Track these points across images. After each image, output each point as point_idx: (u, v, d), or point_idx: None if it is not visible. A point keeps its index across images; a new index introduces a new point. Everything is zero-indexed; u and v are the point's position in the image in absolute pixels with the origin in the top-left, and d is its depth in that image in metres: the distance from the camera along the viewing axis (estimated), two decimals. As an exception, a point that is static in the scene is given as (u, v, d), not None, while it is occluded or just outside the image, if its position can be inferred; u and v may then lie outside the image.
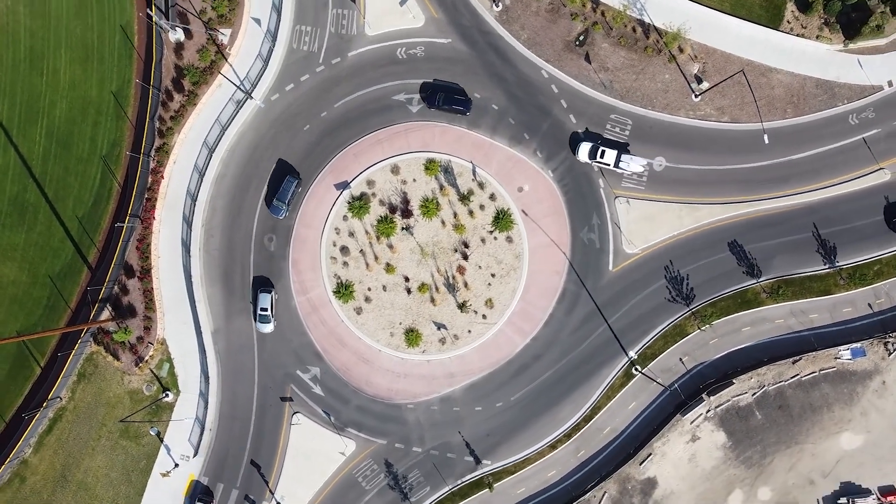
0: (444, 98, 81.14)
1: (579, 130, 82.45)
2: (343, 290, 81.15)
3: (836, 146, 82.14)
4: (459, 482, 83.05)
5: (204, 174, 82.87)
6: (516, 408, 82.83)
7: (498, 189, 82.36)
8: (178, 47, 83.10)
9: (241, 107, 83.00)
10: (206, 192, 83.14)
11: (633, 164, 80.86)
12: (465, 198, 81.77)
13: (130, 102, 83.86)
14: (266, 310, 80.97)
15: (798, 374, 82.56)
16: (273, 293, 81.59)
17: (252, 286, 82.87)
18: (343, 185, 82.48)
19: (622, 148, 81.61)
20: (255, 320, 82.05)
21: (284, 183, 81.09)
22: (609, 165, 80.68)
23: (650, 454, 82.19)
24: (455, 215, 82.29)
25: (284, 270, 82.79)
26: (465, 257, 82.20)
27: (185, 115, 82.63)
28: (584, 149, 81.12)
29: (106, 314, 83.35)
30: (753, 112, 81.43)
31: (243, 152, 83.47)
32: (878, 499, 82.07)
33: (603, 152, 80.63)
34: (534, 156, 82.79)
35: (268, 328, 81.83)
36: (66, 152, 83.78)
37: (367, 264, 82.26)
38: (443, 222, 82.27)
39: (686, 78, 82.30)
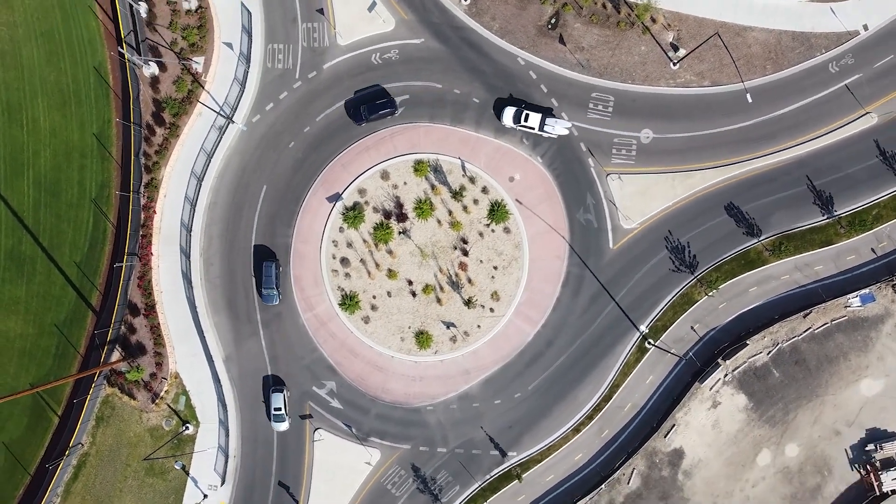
0: (368, 108, 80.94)
1: (565, 114, 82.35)
2: (348, 302, 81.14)
3: (819, 96, 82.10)
4: (488, 477, 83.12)
5: (195, 204, 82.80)
6: (535, 396, 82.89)
7: (489, 182, 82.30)
8: (154, 81, 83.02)
9: (224, 132, 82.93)
10: (200, 222, 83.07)
11: (559, 126, 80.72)
12: (457, 194, 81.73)
13: (113, 142, 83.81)
14: (280, 409, 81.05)
15: (810, 328, 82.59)
16: (285, 392, 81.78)
17: (266, 385, 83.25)
18: (335, 197, 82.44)
19: (546, 111, 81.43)
20: (270, 420, 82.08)
21: (264, 270, 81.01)
22: (534, 129, 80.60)
23: (673, 425, 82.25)
24: (450, 213, 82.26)
25: (287, 289, 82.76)
26: (466, 253, 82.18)
27: (169, 148, 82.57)
28: (508, 114, 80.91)
29: (116, 355, 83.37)
30: (733, 73, 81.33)
31: (232, 177, 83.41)
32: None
33: (527, 116, 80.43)
34: (521, 144, 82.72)
35: (283, 427, 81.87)
36: (56, 200, 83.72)
37: (369, 273, 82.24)
38: (439, 221, 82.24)
39: (662, 48, 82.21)
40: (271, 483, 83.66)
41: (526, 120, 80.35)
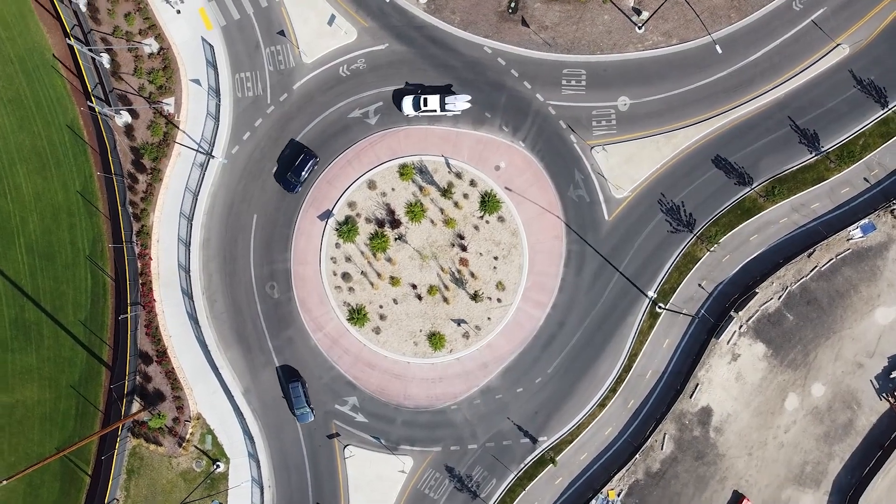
0: (293, 172, 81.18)
1: (539, 95, 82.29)
2: (356, 316, 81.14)
3: (788, 36, 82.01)
4: (523, 466, 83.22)
5: (189, 244, 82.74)
6: (555, 379, 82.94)
7: (476, 174, 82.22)
8: (129, 129, 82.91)
9: (206, 168, 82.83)
10: (197, 261, 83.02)
11: (459, 102, 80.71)
12: (446, 192, 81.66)
13: (98, 196, 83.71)
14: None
15: (816, 266, 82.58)
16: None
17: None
18: (326, 215, 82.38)
19: (444, 90, 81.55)
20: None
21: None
22: (436, 111, 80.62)
23: (697, 385, 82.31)
24: (442, 211, 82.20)
25: (294, 313, 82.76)
26: (464, 248, 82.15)
27: (154, 194, 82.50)
28: (407, 103, 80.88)
29: (137, 406, 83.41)
30: (699, 27, 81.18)
31: (221, 212, 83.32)
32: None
33: (426, 100, 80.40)
34: (500, 131, 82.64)
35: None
36: (51, 263, 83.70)
37: (372, 283, 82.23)
38: (432, 222, 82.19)
39: (625, 13, 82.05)
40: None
41: (426, 104, 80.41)
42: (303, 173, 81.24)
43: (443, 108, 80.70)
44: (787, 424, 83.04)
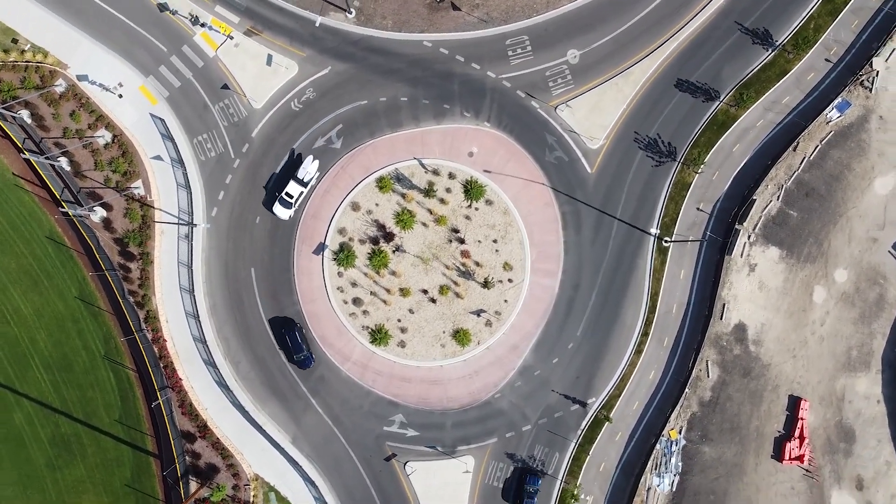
0: (295, 349, 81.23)
1: (490, 73, 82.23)
2: (378, 336, 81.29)
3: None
4: (580, 432, 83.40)
5: (198, 315, 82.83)
6: (586, 339, 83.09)
7: (452, 166, 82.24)
8: (107, 223, 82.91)
9: (192, 238, 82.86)
10: (210, 329, 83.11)
11: (309, 167, 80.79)
12: (429, 192, 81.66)
13: (97, 296, 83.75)
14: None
15: (805, 157, 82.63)
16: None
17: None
18: (320, 248, 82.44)
19: (295, 167, 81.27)
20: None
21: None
22: (304, 190, 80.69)
23: (724, 305, 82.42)
24: (430, 211, 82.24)
25: (318, 351, 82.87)
26: (462, 241, 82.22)
27: (149, 277, 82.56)
28: (279, 209, 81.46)
29: (194, 486, 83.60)
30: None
31: (218, 275, 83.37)
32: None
33: (288, 193, 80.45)
34: (463, 118, 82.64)
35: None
36: (71, 373, 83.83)
37: (384, 301, 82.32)
38: (424, 224, 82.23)
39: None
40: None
41: (291, 196, 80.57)
42: (302, 346, 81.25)
43: (306, 182, 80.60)
44: (821, 317, 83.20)
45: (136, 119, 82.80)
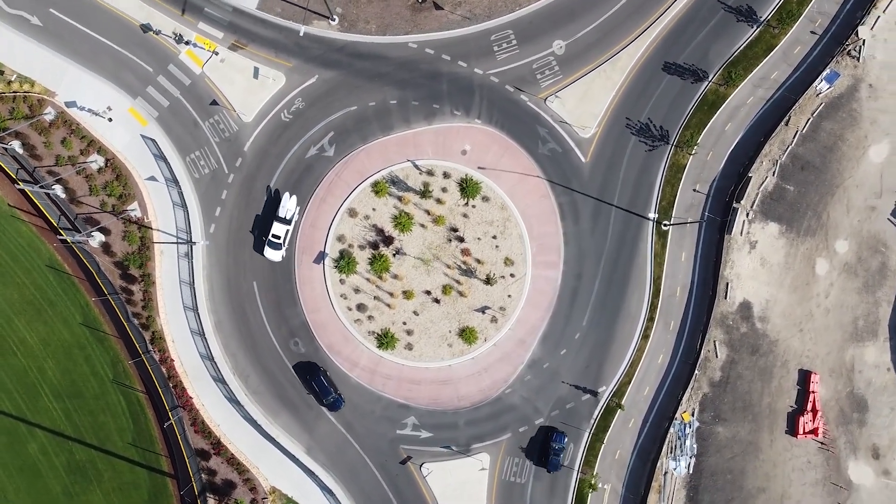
0: (323, 392, 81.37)
1: (477, 69, 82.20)
2: (385, 340, 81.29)
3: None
4: (593, 421, 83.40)
5: (203, 333, 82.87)
6: (592, 328, 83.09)
7: (446, 165, 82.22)
8: (106, 247, 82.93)
9: (192, 256, 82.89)
10: (217, 346, 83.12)
11: (288, 204, 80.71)
12: (424, 193, 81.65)
13: (101, 321, 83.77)
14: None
15: (797, 131, 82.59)
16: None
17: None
18: (321, 257, 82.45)
19: (277, 208, 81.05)
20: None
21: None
22: (290, 227, 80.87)
23: (727, 284, 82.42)
24: (428, 212, 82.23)
25: (326, 360, 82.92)
26: (462, 239, 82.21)
27: (152, 298, 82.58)
28: (269, 252, 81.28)
29: (212, 503, 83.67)
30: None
31: (221, 291, 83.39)
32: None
33: (275, 235, 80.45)
34: (454, 117, 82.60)
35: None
36: (81, 399, 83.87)
37: (388, 305, 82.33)
38: (422, 225, 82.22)
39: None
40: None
41: (278, 238, 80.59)
42: (330, 389, 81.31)
43: (288, 219, 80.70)
44: (825, 289, 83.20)
45: (128, 141, 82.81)
